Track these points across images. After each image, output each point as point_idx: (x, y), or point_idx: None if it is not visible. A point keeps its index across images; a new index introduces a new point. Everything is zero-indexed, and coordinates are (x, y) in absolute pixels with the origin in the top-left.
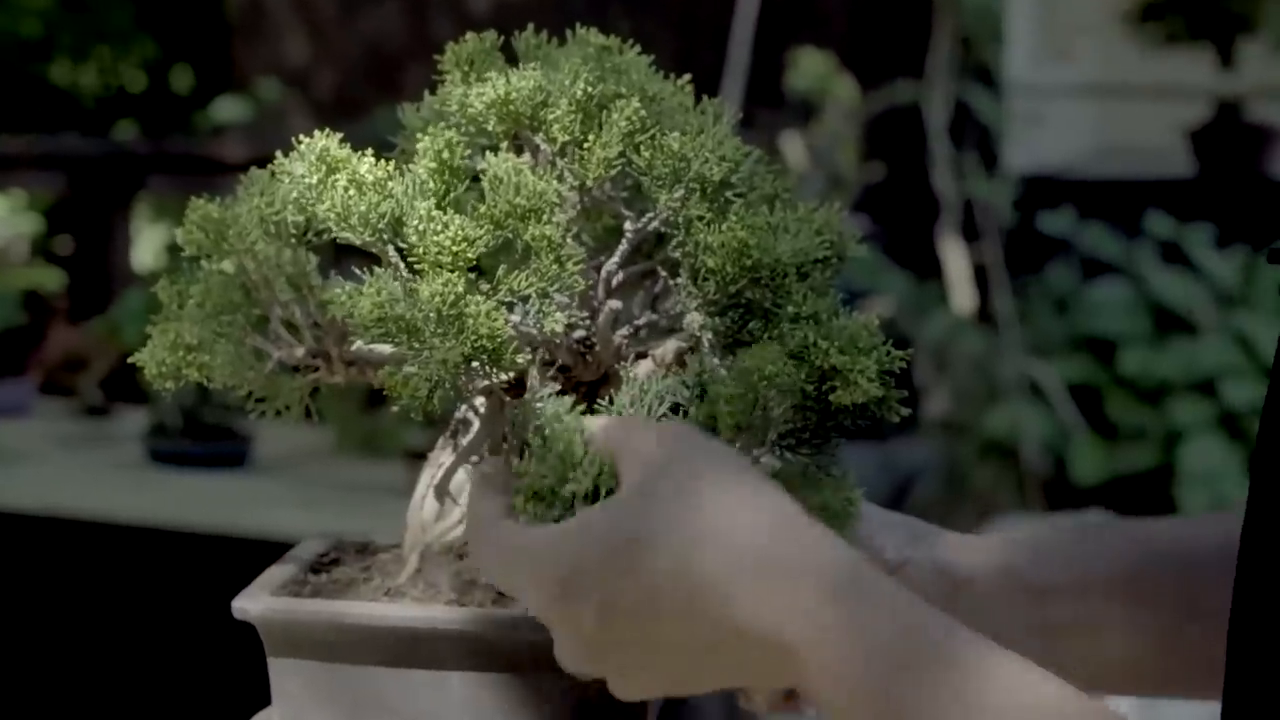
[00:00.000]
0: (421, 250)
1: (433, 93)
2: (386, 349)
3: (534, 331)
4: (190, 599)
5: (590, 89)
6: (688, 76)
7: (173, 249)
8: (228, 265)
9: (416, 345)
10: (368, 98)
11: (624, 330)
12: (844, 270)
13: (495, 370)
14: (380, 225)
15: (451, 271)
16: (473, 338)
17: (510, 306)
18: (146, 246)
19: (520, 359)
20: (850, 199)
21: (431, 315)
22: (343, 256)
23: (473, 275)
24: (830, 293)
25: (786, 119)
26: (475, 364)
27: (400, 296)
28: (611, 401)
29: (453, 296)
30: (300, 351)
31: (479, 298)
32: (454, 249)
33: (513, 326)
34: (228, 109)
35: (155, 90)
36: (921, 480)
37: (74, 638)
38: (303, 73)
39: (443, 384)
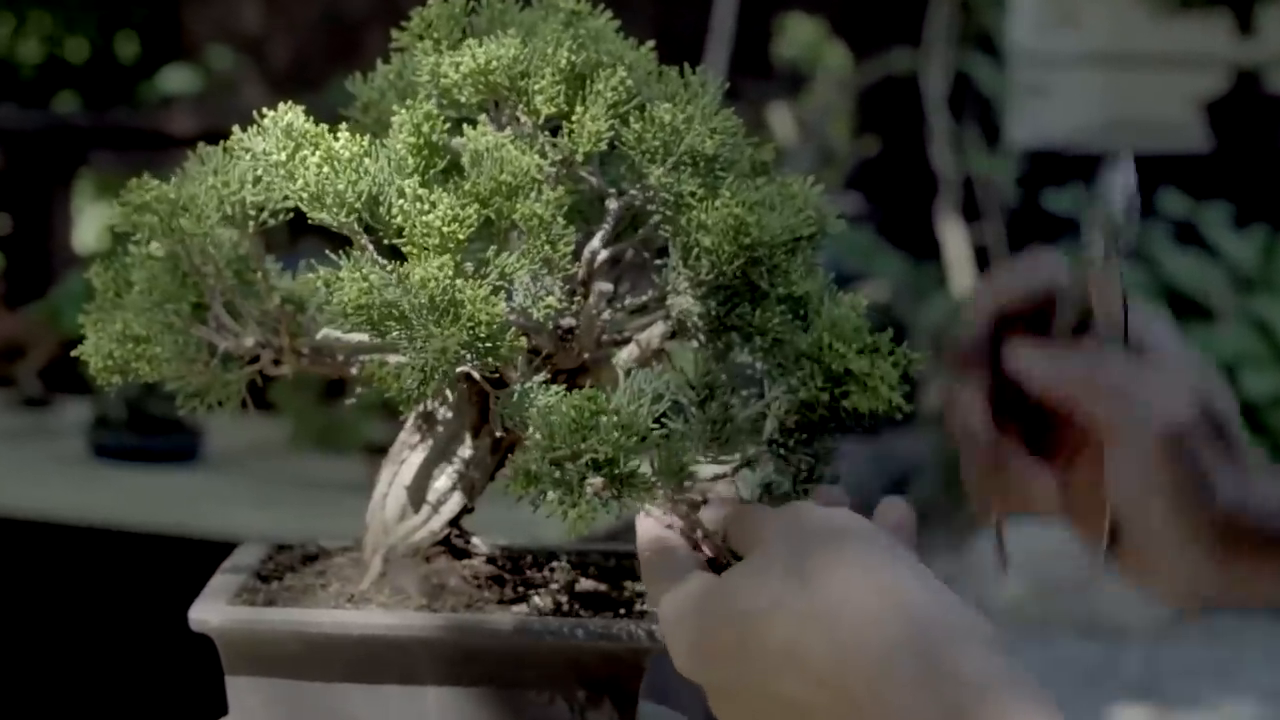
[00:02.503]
0: (409, 232)
1: (388, 61)
2: (352, 338)
3: (520, 317)
4: (138, 604)
5: (573, 57)
6: (651, 43)
7: (119, 230)
8: (157, 248)
9: (408, 334)
10: (326, 67)
11: (606, 314)
12: (836, 251)
13: (493, 360)
14: (358, 205)
15: (441, 254)
16: (469, 325)
17: (497, 291)
18: (89, 226)
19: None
20: (842, 175)
21: (424, 302)
22: (298, 240)
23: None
24: (819, 273)
25: (774, 90)
26: (468, 354)
27: (391, 282)
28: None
29: (446, 281)
30: (249, 341)
31: (461, 281)
32: (443, 230)
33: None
34: (176, 79)
35: (98, 59)
36: (918, 476)
37: (10, 644)
38: (256, 40)
39: (436, 374)
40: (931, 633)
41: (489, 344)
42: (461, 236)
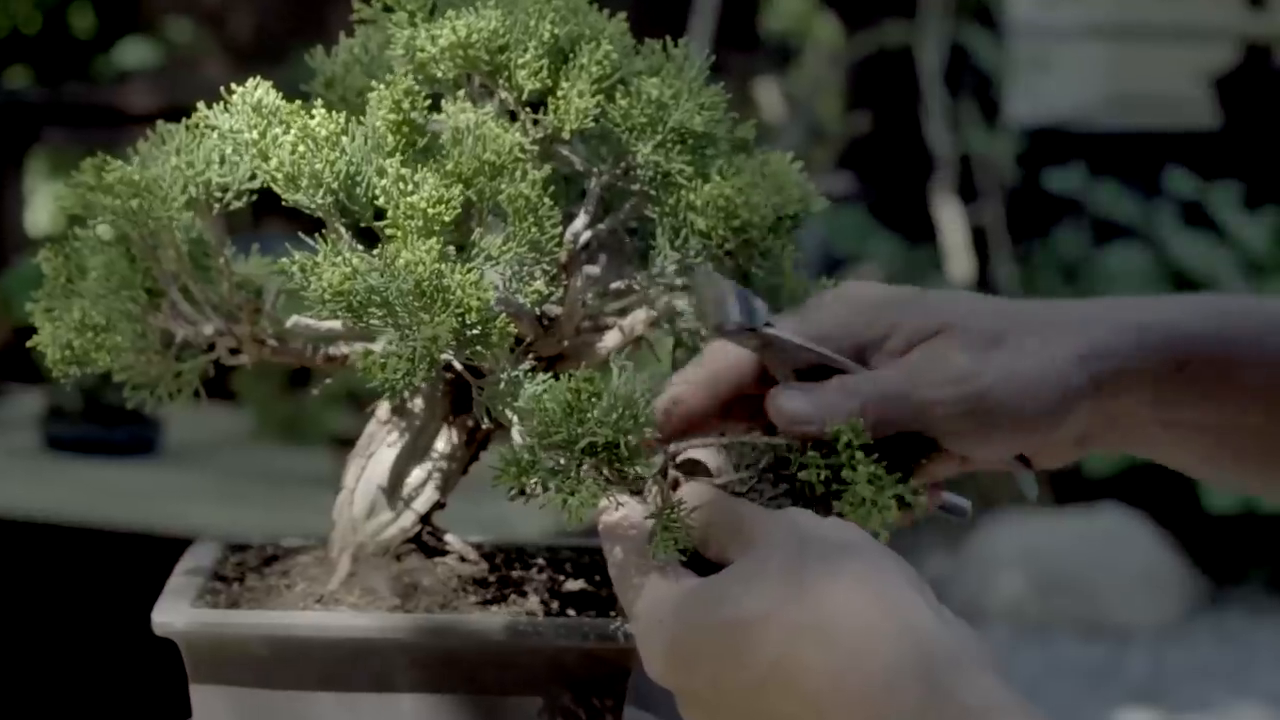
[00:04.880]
0: (391, 214)
1: (351, 34)
2: (323, 325)
3: (504, 303)
4: (93, 603)
5: (556, 30)
6: (623, 15)
7: (70, 212)
8: (106, 230)
9: (393, 322)
10: (290, 41)
11: (589, 299)
12: (827, 233)
13: (483, 348)
14: (335, 186)
15: (426, 237)
16: (457, 311)
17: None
18: (42, 207)
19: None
20: (833, 154)
21: (409, 287)
22: (260, 222)
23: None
24: (800, 257)
25: (761, 64)
26: (456, 342)
27: (375, 267)
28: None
29: (434, 266)
30: (208, 329)
31: (448, 266)
32: (429, 211)
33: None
34: (133, 53)
35: (52, 32)
36: None
37: None
38: (217, 12)
39: (423, 364)
40: (933, 655)
41: (478, 331)
42: (447, 219)
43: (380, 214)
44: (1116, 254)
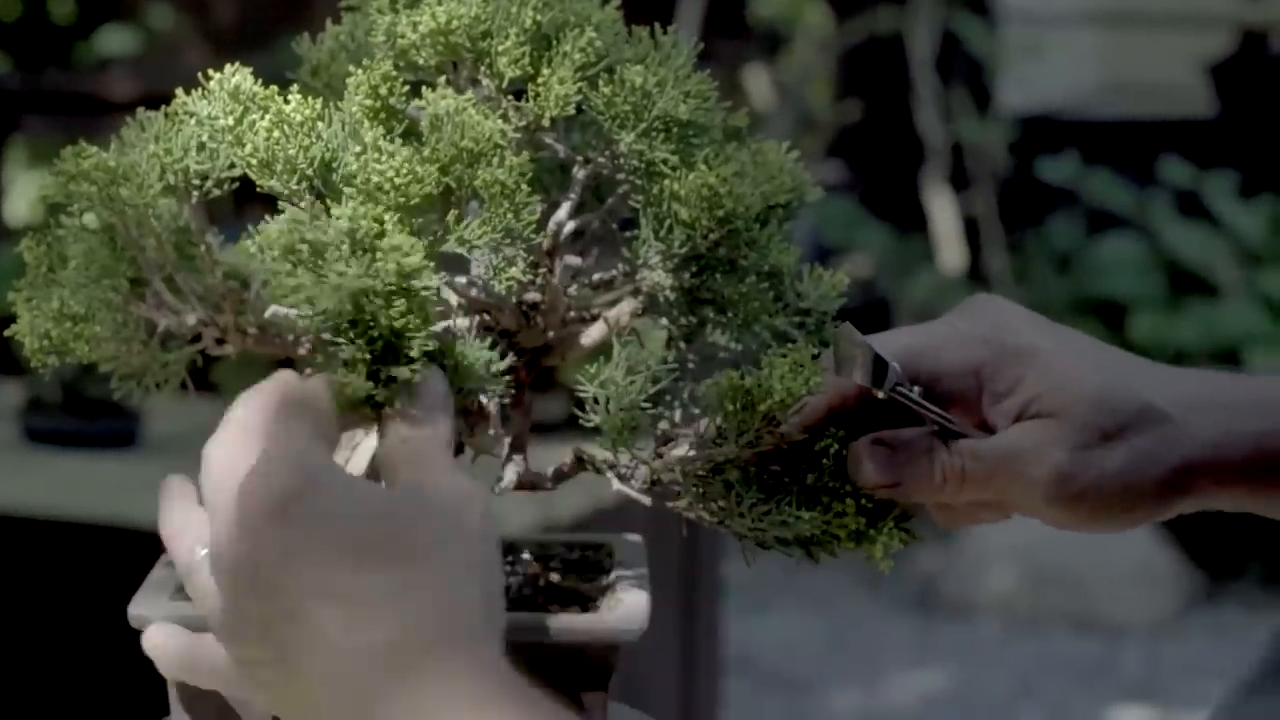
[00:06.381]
0: (360, 181)
1: (338, 21)
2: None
3: (481, 291)
4: (72, 597)
5: (539, 17)
6: (616, 2)
7: (52, 201)
8: (91, 220)
9: (322, 269)
10: (273, 28)
11: (572, 290)
12: (817, 223)
13: (405, 303)
14: (309, 172)
15: (395, 213)
16: (383, 269)
17: (435, 246)
18: (21, 196)
19: (461, 313)
20: (823, 142)
21: (344, 240)
22: (243, 210)
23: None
24: (790, 246)
25: (751, 51)
26: (376, 299)
27: (310, 221)
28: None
29: (375, 226)
30: (191, 319)
31: (392, 226)
32: (397, 181)
33: (453, 285)
34: (114, 40)
35: (31, 18)
36: None
37: None
38: None
39: (345, 319)
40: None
41: (399, 286)
42: (417, 194)
43: None
44: (1110, 244)
